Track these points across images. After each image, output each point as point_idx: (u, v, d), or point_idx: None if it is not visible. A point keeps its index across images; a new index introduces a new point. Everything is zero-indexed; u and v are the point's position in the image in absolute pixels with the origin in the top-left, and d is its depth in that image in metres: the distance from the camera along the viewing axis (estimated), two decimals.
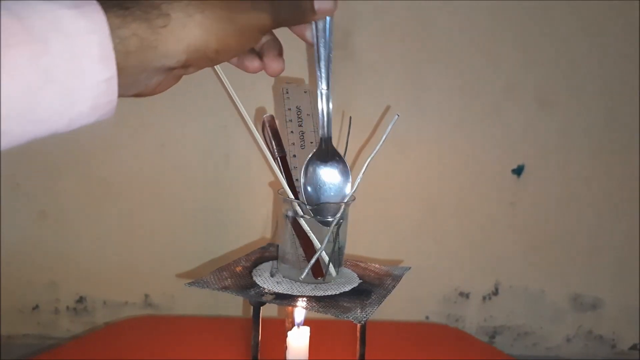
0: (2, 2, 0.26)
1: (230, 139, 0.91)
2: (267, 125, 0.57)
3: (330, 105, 0.47)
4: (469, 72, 0.92)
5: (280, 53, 0.40)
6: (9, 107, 0.26)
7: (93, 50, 0.28)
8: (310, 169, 0.51)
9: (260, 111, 0.88)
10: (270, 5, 0.34)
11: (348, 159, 0.55)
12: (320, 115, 0.48)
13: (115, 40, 0.28)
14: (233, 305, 0.96)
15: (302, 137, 0.56)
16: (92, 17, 0.28)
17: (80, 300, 0.95)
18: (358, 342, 0.55)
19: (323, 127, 0.48)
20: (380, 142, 0.52)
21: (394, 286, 0.56)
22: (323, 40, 0.43)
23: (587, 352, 1.01)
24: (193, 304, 0.96)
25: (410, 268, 0.61)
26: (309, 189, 0.51)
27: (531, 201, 0.96)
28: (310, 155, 0.50)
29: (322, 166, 0.51)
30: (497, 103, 0.93)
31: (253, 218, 0.94)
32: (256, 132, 0.56)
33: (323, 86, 0.46)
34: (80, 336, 0.95)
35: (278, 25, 0.36)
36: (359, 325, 0.53)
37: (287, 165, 0.56)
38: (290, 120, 0.56)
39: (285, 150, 0.56)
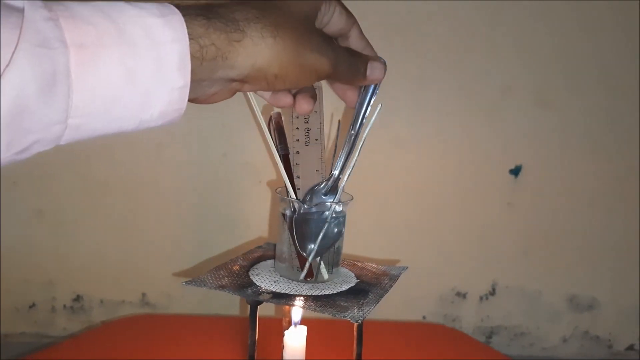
0: (100, 6, 0.28)
1: (228, 138, 0.91)
2: (273, 121, 0.57)
3: (354, 150, 0.51)
4: (468, 71, 0.92)
5: (312, 96, 0.43)
6: (97, 101, 0.28)
7: (174, 58, 0.30)
8: (309, 196, 0.55)
9: (267, 108, 0.87)
10: (333, 55, 0.37)
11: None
12: (340, 155, 0.51)
13: (195, 47, 0.31)
14: (230, 304, 0.96)
15: (307, 134, 0.56)
16: (175, 27, 0.30)
17: (77, 298, 0.95)
18: (355, 342, 0.55)
19: (337, 167, 0.51)
20: (365, 132, 0.52)
21: (391, 286, 0.56)
22: (360, 100, 0.47)
23: (584, 353, 1.02)
24: (190, 303, 0.96)
25: (407, 268, 0.61)
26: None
27: (528, 202, 0.96)
28: (314, 185, 0.55)
29: (320, 197, 0.55)
30: (495, 103, 0.93)
31: (250, 217, 0.94)
32: (265, 128, 0.56)
33: (352, 131, 0.49)
34: (77, 335, 0.95)
35: (332, 76, 0.38)
36: (355, 324, 0.54)
37: (289, 163, 0.56)
38: (297, 117, 0.56)
39: (289, 146, 0.57)
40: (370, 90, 0.46)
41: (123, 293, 0.95)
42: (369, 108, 0.48)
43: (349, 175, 0.54)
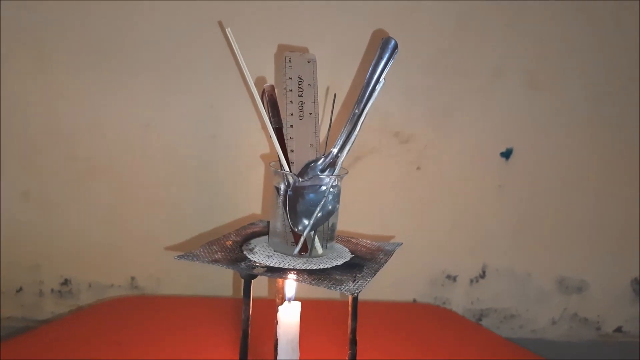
0: None
1: (217, 119, 0.90)
2: (266, 94, 0.56)
3: (358, 127, 0.51)
4: (458, 53, 0.91)
5: None
6: None
7: None
8: (305, 171, 0.55)
9: (260, 80, 0.86)
10: None
11: (333, 135, 0.55)
12: (342, 131, 0.51)
13: None
14: (220, 287, 0.95)
15: (301, 108, 0.55)
16: None
17: (65, 282, 0.94)
18: (350, 317, 0.54)
19: (337, 145, 0.51)
20: (367, 108, 0.52)
21: (386, 260, 0.56)
22: (368, 78, 0.48)
23: (572, 334, 1.02)
24: (179, 286, 0.95)
25: (401, 244, 0.61)
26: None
27: (519, 184, 0.96)
28: (310, 162, 0.54)
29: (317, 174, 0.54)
30: (486, 85, 0.93)
31: (242, 198, 0.93)
32: (259, 100, 0.55)
33: (357, 109, 0.50)
34: (65, 315, 0.93)
35: None
36: (351, 298, 0.53)
37: (283, 137, 0.55)
38: (291, 90, 0.55)
39: (283, 120, 0.56)
40: (381, 67, 0.46)
41: (111, 276, 0.94)
42: (378, 86, 0.47)
43: (347, 152, 0.53)
